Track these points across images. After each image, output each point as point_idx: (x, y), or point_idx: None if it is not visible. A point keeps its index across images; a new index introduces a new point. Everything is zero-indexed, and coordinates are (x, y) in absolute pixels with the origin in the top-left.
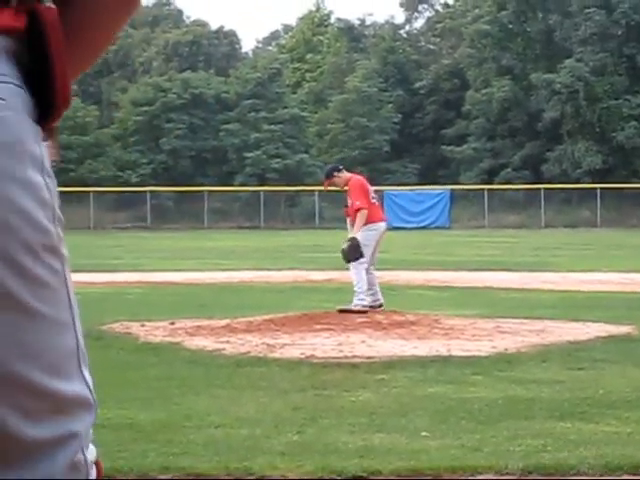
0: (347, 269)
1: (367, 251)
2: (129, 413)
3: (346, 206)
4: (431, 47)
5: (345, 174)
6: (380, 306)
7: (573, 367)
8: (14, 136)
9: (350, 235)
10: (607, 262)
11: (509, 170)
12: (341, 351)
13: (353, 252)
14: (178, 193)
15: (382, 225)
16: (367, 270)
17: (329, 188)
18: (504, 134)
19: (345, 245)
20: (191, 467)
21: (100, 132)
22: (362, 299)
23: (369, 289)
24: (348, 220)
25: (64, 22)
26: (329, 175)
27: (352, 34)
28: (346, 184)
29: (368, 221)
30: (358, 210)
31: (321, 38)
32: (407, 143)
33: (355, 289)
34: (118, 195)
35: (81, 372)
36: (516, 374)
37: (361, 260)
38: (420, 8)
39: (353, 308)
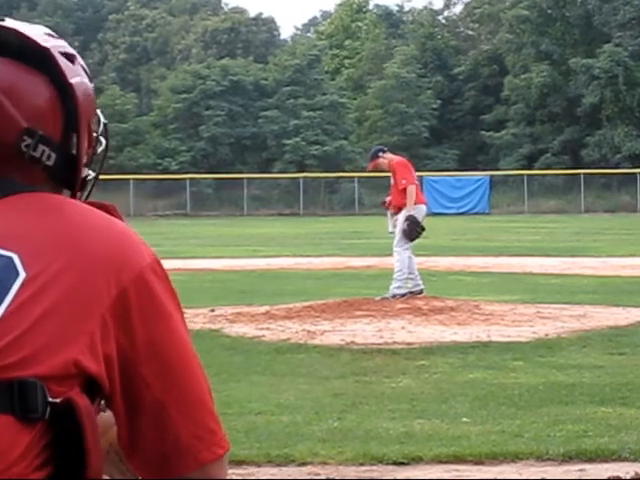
0: (390, 255)
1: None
2: None
3: (384, 202)
4: (470, 33)
5: (390, 155)
6: (420, 292)
7: (614, 352)
8: None
9: (403, 214)
10: None
11: (548, 155)
12: (381, 337)
13: (414, 230)
14: (217, 180)
15: (423, 207)
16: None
17: (370, 174)
18: (543, 119)
19: (405, 225)
20: (232, 454)
21: (139, 120)
22: (399, 287)
23: (409, 273)
24: (389, 212)
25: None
26: (374, 156)
27: (391, 20)
28: (390, 165)
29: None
30: (404, 189)
31: (360, 24)
32: (446, 129)
33: (395, 276)
34: (158, 182)
35: None
36: (557, 359)
37: (406, 245)
38: None
39: (390, 299)
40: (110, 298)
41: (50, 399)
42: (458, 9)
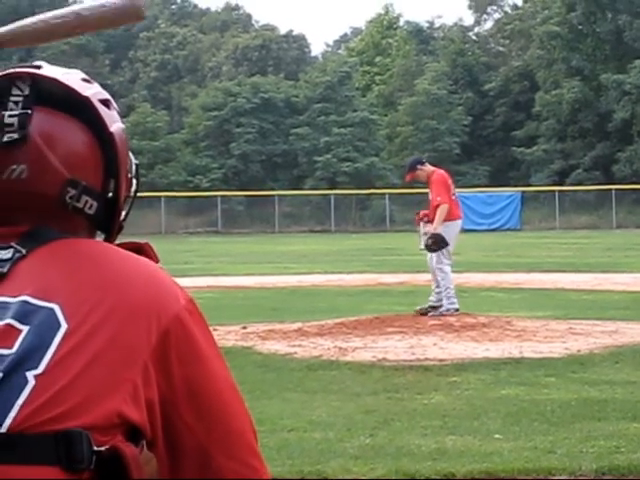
0: (422, 271)
1: (449, 249)
2: None
3: (417, 213)
4: (500, 49)
5: (428, 167)
6: (456, 310)
7: None
8: None
9: (431, 231)
10: None
11: (580, 171)
12: (413, 354)
13: (439, 243)
14: (249, 197)
15: (459, 223)
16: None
17: (401, 191)
18: (574, 135)
19: (429, 241)
20: None
21: (170, 137)
22: (453, 302)
23: (436, 287)
24: (421, 226)
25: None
26: (412, 168)
27: (421, 36)
28: (429, 177)
29: (447, 218)
30: (438, 205)
31: (390, 41)
32: (477, 145)
33: (444, 293)
34: (189, 200)
35: None
36: (589, 375)
37: (445, 261)
38: (489, 10)
39: (445, 313)
40: (151, 344)
41: (95, 448)
42: (489, 25)
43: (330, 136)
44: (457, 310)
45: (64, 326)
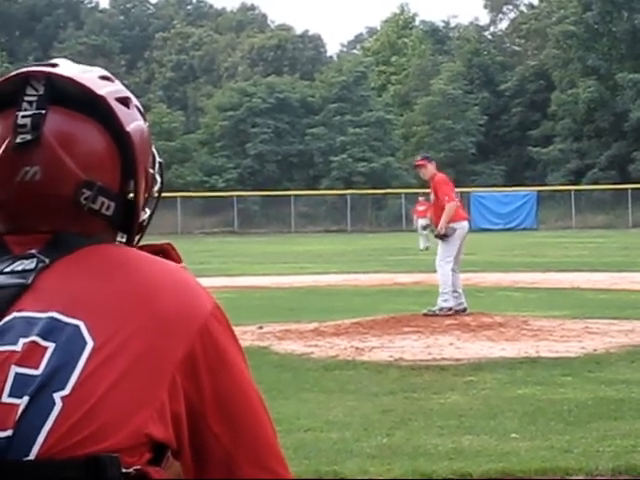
0: (435, 271)
1: (452, 250)
2: None
3: (418, 202)
4: (516, 48)
5: (434, 168)
6: (464, 310)
7: None
8: None
9: (438, 230)
10: None
11: (596, 171)
12: (429, 353)
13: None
14: (265, 197)
15: (465, 224)
16: (452, 271)
17: (417, 190)
18: (590, 135)
19: (441, 232)
20: None
21: (186, 137)
22: (446, 299)
23: (453, 291)
24: (419, 230)
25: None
26: (427, 159)
27: (437, 36)
28: (432, 178)
29: (453, 219)
30: (446, 203)
31: (406, 41)
32: (493, 145)
33: (440, 290)
34: (205, 200)
35: None
36: (605, 375)
37: (448, 259)
38: (505, 9)
39: (438, 312)
40: (179, 356)
41: (124, 470)
42: (504, 25)
43: (346, 136)
44: (450, 309)
45: (90, 344)
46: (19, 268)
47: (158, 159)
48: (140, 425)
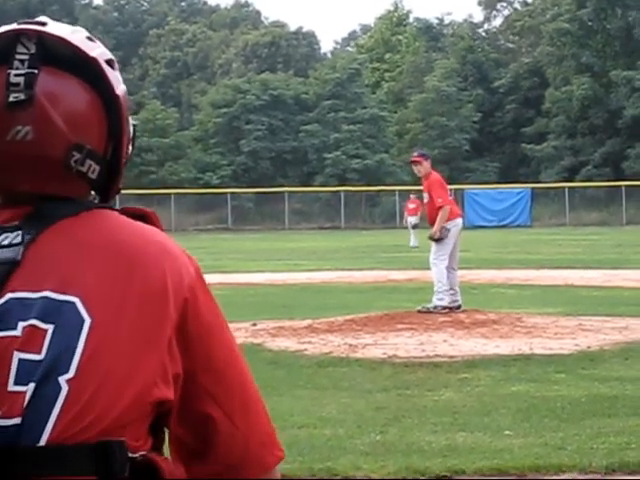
0: (429, 268)
1: (447, 249)
2: None
3: (409, 199)
4: (510, 45)
5: (429, 166)
6: (458, 308)
7: None
8: None
9: (432, 234)
10: None
11: (590, 168)
12: (423, 350)
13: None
14: (258, 194)
15: (459, 221)
16: (448, 269)
17: (411, 187)
18: (584, 132)
19: (436, 236)
20: None
21: (180, 134)
22: (441, 298)
23: (449, 289)
24: (410, 219)
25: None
26: (424, 156)
27: (431, 33)
28: (427, 176)
29: (447, 218)
30: (440, 208)
31: (400, 38)
32: (487, 142)
33: (435, 288)
34: (199, 197)
35: None
36: (599, 372)
37: (442, 257)
38: (499, 6)
39: (432, 310)
40: (172, 319)
41: (130, 455)
42: (498, 22)
43: (340, 133)
44: (444, 308)
45: (87, 321)
46: (5, 242)
47: (132, 122)
48: (143, 393)
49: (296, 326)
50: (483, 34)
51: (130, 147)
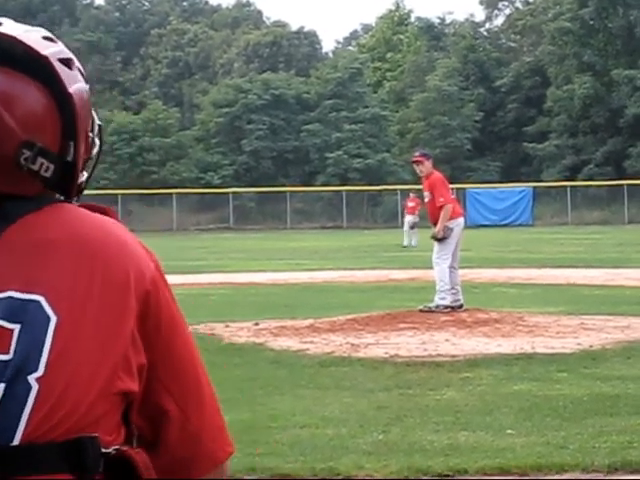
0: (431, 268)
1: (449, 248)
2: None
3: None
4: (512, 45)
5: (431, 166)
6: (460, 307)
7: None
8: None
9: (435, 233)
10: None
11: (591, 167)
12: (425, 350)
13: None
14: (260, 194)
15: (461, 220)
16: (450, 268)
17: (413, 187)
18: (586, 131)
19: (439, 235)
20: (277, 467)
21: (182, 134)
22: (443, 298)
23: (451, 288)
24: (408, 217)
25: None
26: (425, 156)
27: (432, 32)
28: (428, 175)
29: (450, 217)
30: (442, 207)
31: (401, 37)
32: (489, 141)
33: (437, 287)
34: (200, 196)
35: None
36: (601, 371)
37: (445, 256)
38: (500, 5)
39: (434, 309)
40: (134, 311)
41: (103, 450)
42: (500, 21)
43: (341, 132)
44: (446, 307)
45: (53, 319)
46: None
47: (97, 122)
48: (108, 385)
49: (298, 326)
50: (485, 33)
51: (95, 146)
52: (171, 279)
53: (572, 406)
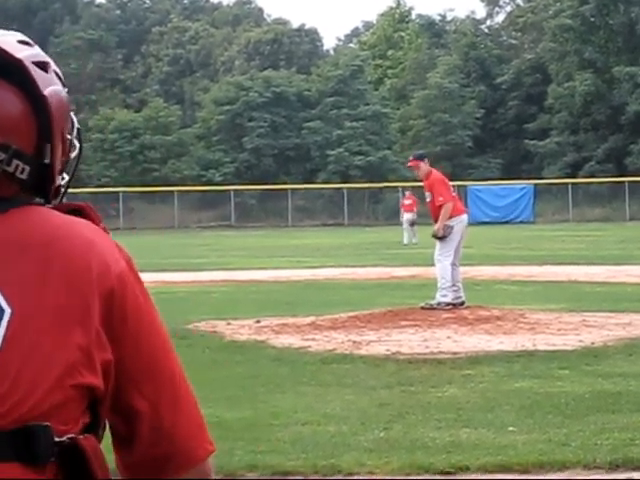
0: (432, 265)
1: (452, 245)
2: (215, 411)
3: (405, 195)
4: (513, 42)
5: (428, 166)
6: (462, 304)
7: None
8: None
9: (436, 231)
10: None
11: (593, 164)
12: (427, 347)
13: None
14: (261, 191)
15: (464, 217)
16: (452, 265)
17: (414, 184)
18: (587, 128)
19: (439, 233)
20: (279, 465)
21: (183, 132)
22: (445, 295)
23: (452, 285)
24: (406, 215)
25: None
26: (420, 158)
27: (433, 30)
28: (426, 176)
29: (451, 215)
30: (442, 206)
31: (402, 34)
32: (490, 138)
33: (439, 285)
34: (202, 194)
35: None
36: (603, 368)
37: (447, 253)
38: (501, 2)
39: (436, 306)
40: (97, 308)
41: (57, 439)
42: (501, 18)
43: (342, 130)
44: (448, 304)
45: (7, 311)
46: None
47: (77, 125)
48: (64, 377)
49: (300, 323)
50: (485, 30)
51: (75, 149)
52: (173, 276)
53: (574, 403)
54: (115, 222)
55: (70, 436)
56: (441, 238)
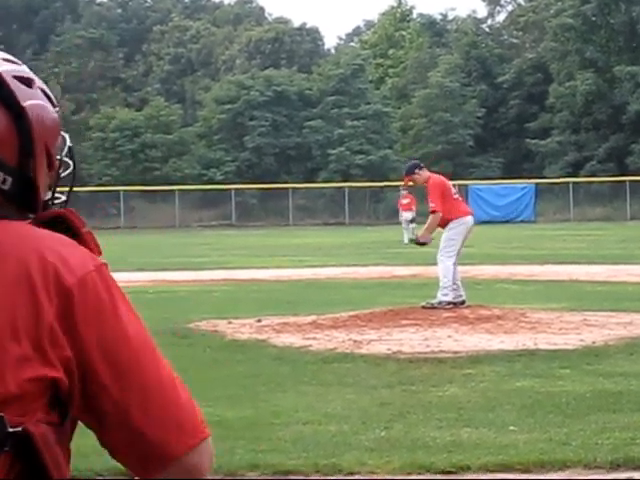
0: (433, 264)
1: (456, 245)
2: (216, 410)
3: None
4: (514, 41)
5: (425, 172)
6: (462, 303)
7: None
8: None
9: (420, 233)
10: None
11: (594, 163)
12: (428, 346)
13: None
14: (262, 190)
15: (469, 219)
16: (452, 264)
17: (409, 184)
18: (588, 127)
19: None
20: (280, 464)
21: (184, 130)
22: (446, 294)
23: (452, 284)
24: (405, 214)
25: None
26: (410, 172)
27: (434, 29)
28: (426, 182)
29: (455, 216)
30: (433, 212)
31: (403, 33)
32: (491, 137)
33: (440, 284)
34: (203, 193)
35: None
36: (604, 367)
37: (450, 254)
38: (502, 2)
39: (437, 305)
40: (52, 309)
41: (11, 429)
42: (502, 17)
43: (343, 129)
44: (448, 303)
45: None
46: None
47: (69, 143)
48: (22, 374)
49: (301, 322)
50: (487, 29)
51: (65, 167)
52: (174, 275)
53: (575, 402)
54: (116, 221)
55: (22, 427)
56: (420, 244)
